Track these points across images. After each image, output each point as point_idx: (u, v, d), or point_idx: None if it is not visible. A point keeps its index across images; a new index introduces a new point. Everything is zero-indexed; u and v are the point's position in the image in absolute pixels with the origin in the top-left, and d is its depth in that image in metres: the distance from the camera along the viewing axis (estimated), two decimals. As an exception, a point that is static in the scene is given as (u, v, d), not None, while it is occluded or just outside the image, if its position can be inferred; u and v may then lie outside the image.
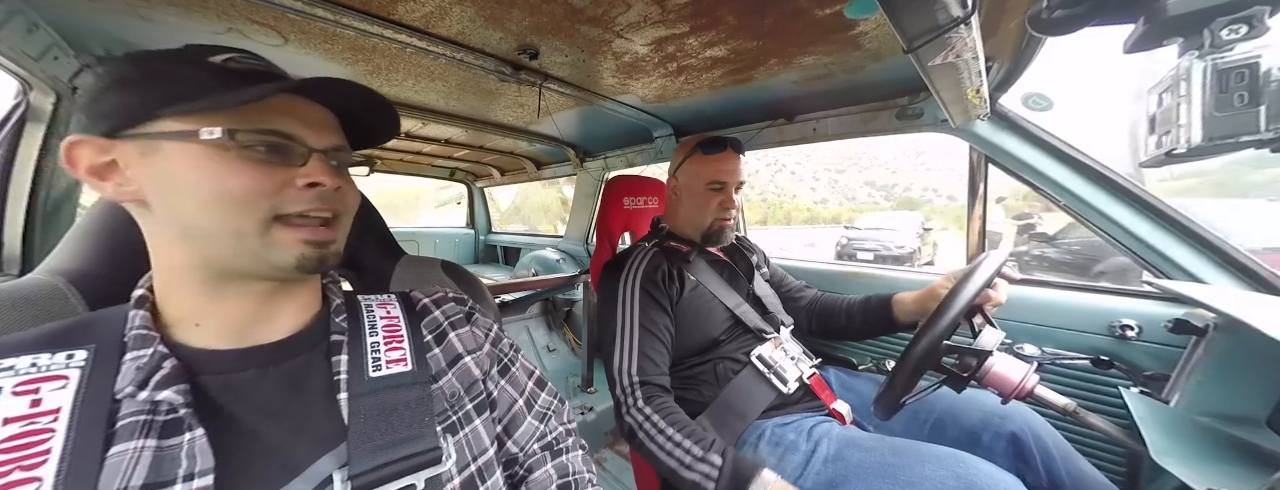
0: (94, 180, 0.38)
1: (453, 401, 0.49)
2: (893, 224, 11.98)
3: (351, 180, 0.46)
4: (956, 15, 0.48)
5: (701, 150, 1.03)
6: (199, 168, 0.36)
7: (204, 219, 0.37)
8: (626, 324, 0.91)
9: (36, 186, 0.89)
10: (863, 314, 1.08)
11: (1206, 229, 0.91)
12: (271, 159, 0.38)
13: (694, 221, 1.06)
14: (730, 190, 1.02)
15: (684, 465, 0.75)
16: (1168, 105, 0.50)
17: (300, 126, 0.40)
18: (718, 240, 1.07)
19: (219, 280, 0.40)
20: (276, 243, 0.38)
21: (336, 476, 0.39)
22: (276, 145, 0.38)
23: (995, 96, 1.01)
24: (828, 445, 0.78)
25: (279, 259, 0.39)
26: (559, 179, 2.76)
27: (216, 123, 0.35)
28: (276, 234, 0.38)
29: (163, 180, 0.37)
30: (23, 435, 0.32)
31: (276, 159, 0.38)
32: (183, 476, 0.34)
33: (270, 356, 0.42)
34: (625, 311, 0.92)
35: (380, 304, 0.53)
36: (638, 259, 1.00)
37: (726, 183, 1.02)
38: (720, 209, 1.03)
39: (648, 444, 0.80)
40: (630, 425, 0.82)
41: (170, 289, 0.41)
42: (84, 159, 0.37)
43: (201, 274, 0.39)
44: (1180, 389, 0.82)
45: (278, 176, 0.38)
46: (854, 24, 0.84)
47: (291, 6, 0.79)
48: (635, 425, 0.82)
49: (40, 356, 0.35)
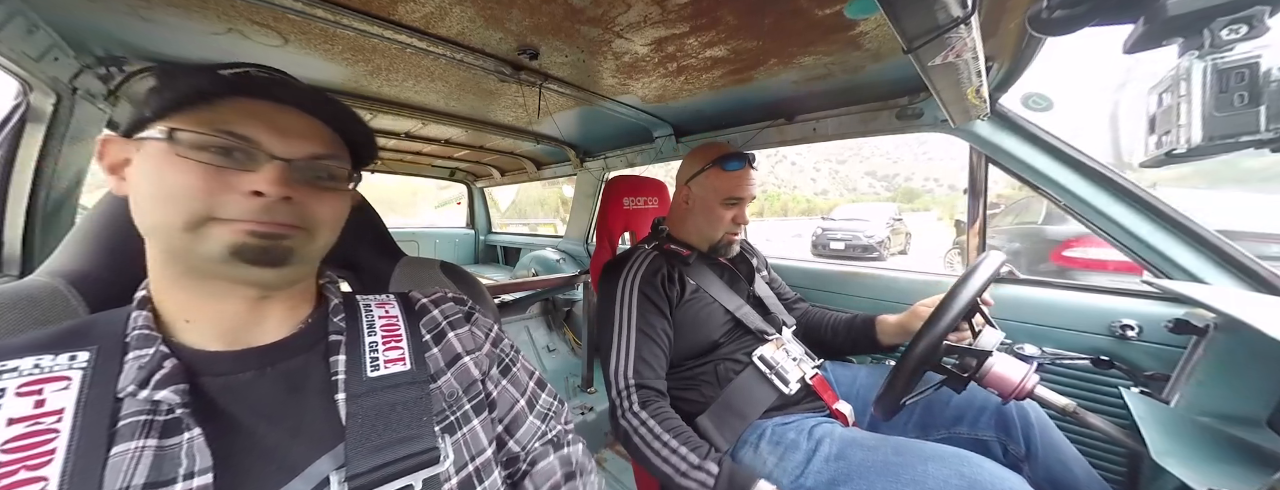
0: (113, 178, 0.41)
1: (451, 401, 0.49)
2: (865, 215, 12.27)
3: (329, 193, 0.43)
4: (956, 15, 0.48)
5: (721, 165, 1.01)
6: (148, 166, 0.38)
7: (149, 215, 0.39)
8: (624, 327, 0.91)
9: (36, 187, 0.89)
10: (848, 332, 1.09)
11: (1207, 229, 0.91)
12: (220, 162, 0.37)
13: (705, 233, 1.06)
14: (744, 206, 1.04)
15: (679, 472, 0.75)
16: (1168, 105, 0.50)
17: (265, 132, 0.39)
18: (725, 253, 1.08)
19: (190, 277, 0.40)
20: (206, 237, 0.37)
21: (334, 477, 0.39)
22: (226, 148, 0.37)
23: (995, 96, 1.01)
24: (829, 444, 0.78)
25: (206, 250, 0.37)
26: (559, 179, 2.76)
27: (179, 124, 0.37)
28: (209, 230, 0.37)
29: (133, 178, 0.40)
30: (28, 435, 0.32)
31: (226, 162, 0.37)
32: (183, 475, 0.34)
33: (268, 358, 0.42)
34: (623, 315, 0.93)
35: (379, 304, 0.53)
36: (637, 262, 1.00)
37: (742, 198, 1.03)
38: (733, 224, 1.04)
39: (642, 449, 0.80)
40: (625, 429, 0.82)
41: (158, 287, 0.42)
42: (108, 155, 0.41)
43: (172, 270, 0.40)
44: (1180, 389, 0.82)
45: (222, 179, 0.37)
46: (854, 24, 0.84)
47: (291, 7, 0.79)
48: (630, 430, 0.82)
49: (43, 358, 0.36)
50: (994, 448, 0.83)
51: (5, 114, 0.86)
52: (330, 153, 0.43)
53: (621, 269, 0.99)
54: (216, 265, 0.38)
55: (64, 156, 0.92)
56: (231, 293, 0.41)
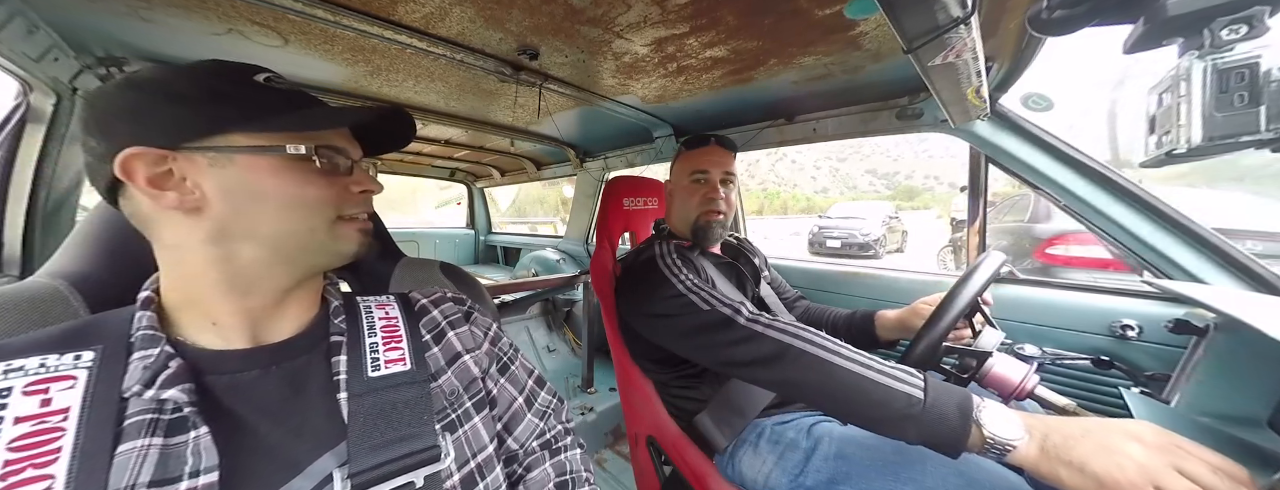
0: (153, 190, 0.38)
1: (452, 399, 0.50)
2: (861, 213, 12.38)
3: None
4: (956, 15, 0.48)
5: (685, 147, 1.07)
6: (280, 178, 0.41)
7: (282, 220, 0.42)
8: (690, 286, 0.84)
9: (36, 188, 0.89)
10: (847, 328, 1.09)
11: (1207, 229, 0.91)
12: (330, 169, 0.44)
13: (683, 216, 1.06)
14: (713, 181, 1.02)
15: (879, 372, 0.60)
16: (1168, 105, 0.50)
17: (345, 142, 0.47)
18: (706, 237, 1.04)
19: (253, 277, 0.42)
20: (341, 236, 0.45)
21: (337, 475, 0.39)
22: (335, 159, 0.44)
23: (995, 96, 1.01)
24: (829, 443, 0.78)
25: (345, 248, 0.46)
26: (559, 179, 2.76)
27: (294, 141, 0.41)
28: (340, 229, 0.45)
29: (236, 188, 0.40)
30: (34, 434, 0.32)
31: (334, 170, 0.45)
32: (188, 473, 0.34)
33: (272, 357, 0.43)
34: (682, 278, 0.86)
35: (378, 305, 0.54)
36: (662, 243, 0.99)
37: (708, 171, 1.02)
38: (705, 201, 1.02)
39: (812, 351, 0.64)
40: (779, 337, 0.68)
41: (194, 290, 0.41)
42: (142, 170, 0.38)
43: (222, 272, 0.41)
44: (1181, 389, 0.82)
45: (337, 184, 0.45)
46: (854, 24, 0.84)
47: (291, 7, 0.79)
48: (792, 335, 0.68)
49: (49, 357, 0.36)
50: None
51: (5, 114, 0.86)
52: (362, 153, 0.51)
53: (651, 250, 0.97)
54: (342, 258, 0.46)
55: (64, 157, 0.92)
56: (271, 289, 0.44)
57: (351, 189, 0.46)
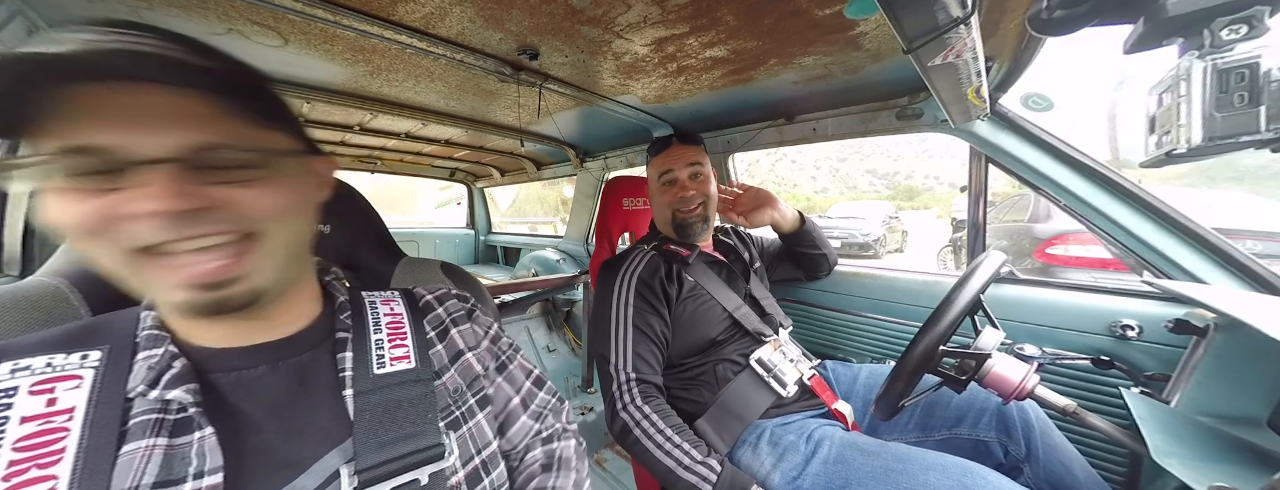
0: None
1: (455, 397, 0.50)
2: (861, 213, 12.42)
3: (256, 184, 0.34)
4: (956, 15, 0.48)
5: (649, 153, 1.11)
6: (45, 198, 0.29)
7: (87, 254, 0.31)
8: (621, 323, 0.92)
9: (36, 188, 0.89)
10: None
11: (1207, 229, 0.91)
12: (86, 184, 0.28)
13: (662, 218, 1.11)
14: (680, 178, 1.06)
15: (682, 466, 0.76)
16: (1168, 105, 0.50)
17: (110, 131, 0.28)
18: (688, 234, 1.08)
19: None
20: (153, 282, 0.31)
21: (343, 472, 0.39)
22: (76, 167, 0.28)
23: (995, 96, 1.01)
24: (829, 448, 0.78)
25: (166, 298, 0.32)
26: (559, 179, 2.76)
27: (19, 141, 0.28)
28: (149, 272, 0.31)
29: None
30: (39, 433, 0.32)
31: (93, 184, 0.28)
32: (193, 474, 0.34)
33: (279, 353, 0.43)
34: (619, 311, 0.93)
35: (384, 301, 0.54)
36: (635, 260, 1.01)
37: (672, 169, 1.06)
38: (675, 201, 1.06)
39: (644, 442, 0.80)
40: (625, 422, 0.83)
41: None
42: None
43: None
44: (1181, 389, 0.82)
45: (103, 204, 0.29)
46: (854, 24, 0.84)
47: (291, 7, 0.79)
48: (632, 423, 0.82)
49: (55, 357, 0.36)
50: (994, 448, 0.83)
51: (5, 114, 0.86)
52: (222, 142, 0.32)
53: (619, 267, 1.00)
54: (189, 313, 0.34)
55: (64, 157, 0.92)
56: None
57: (125, 208, 0.29)
